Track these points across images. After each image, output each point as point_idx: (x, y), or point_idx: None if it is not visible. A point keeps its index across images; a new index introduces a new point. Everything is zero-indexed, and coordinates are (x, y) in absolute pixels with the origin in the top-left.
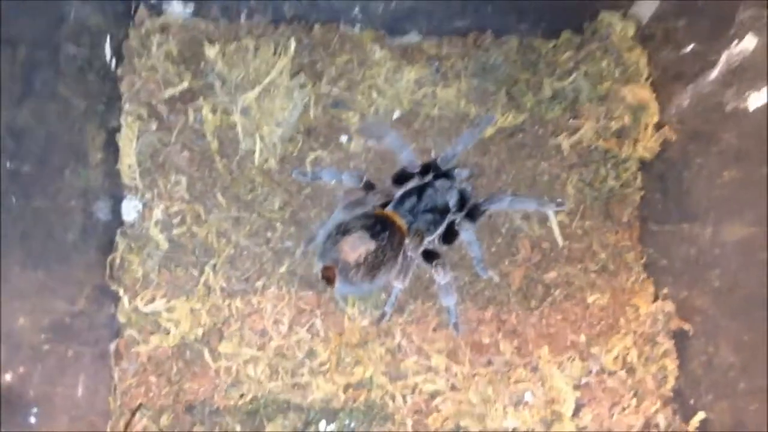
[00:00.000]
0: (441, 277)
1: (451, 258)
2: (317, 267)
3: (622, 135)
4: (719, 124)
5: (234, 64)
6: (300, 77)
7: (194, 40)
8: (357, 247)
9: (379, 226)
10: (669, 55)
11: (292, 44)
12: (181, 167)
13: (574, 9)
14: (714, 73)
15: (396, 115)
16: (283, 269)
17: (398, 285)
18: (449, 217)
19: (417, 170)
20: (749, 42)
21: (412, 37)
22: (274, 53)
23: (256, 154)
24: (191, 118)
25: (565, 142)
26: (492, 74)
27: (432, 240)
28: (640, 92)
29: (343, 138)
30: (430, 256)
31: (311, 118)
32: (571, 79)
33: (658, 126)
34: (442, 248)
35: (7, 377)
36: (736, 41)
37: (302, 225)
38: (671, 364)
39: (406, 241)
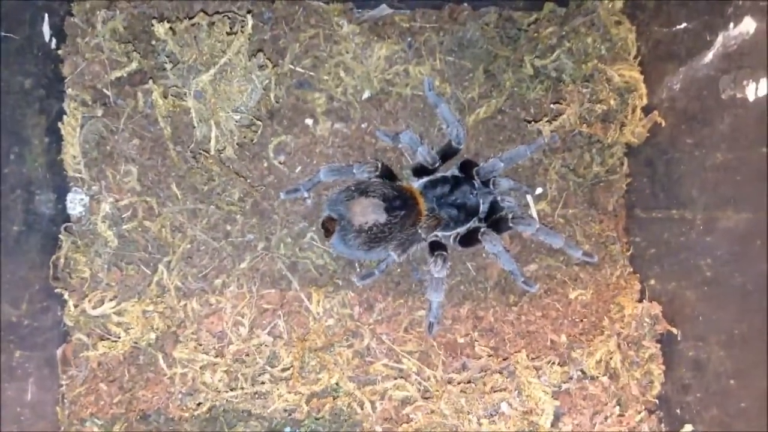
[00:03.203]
0: (438, 270)
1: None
2: (323, 211)
3: (607, 119)
4: (714, 111)
5: (186, 43)
6: (259, 57)
7: (143, 15)
8: (367, 214)
9: (398, 201)
10: (660, 32)
11: (250, 21)
12: (130, 156)
13: None
14: (709, 56)
15: (365, 95)
16: (244, 265)
17: (395, 257)
18: (474, 221)
19: (435, 164)
20: (747, 25)
21: (383, 10)
22: (231, 31)
23: (212, 142)
24: (141, 102)
25: (546, 128)
26: (469, 50)
27: (447, 235)
28: (628, 72)
29: (309, 121)
30: (435, 245)
31: (272, 100)
32: (553, 56)
33: (647, 109)
34: (455, 247)
35: None
36: (732, 23)
37: (265, 216)
38: (657, 369)
39: (421, 223)
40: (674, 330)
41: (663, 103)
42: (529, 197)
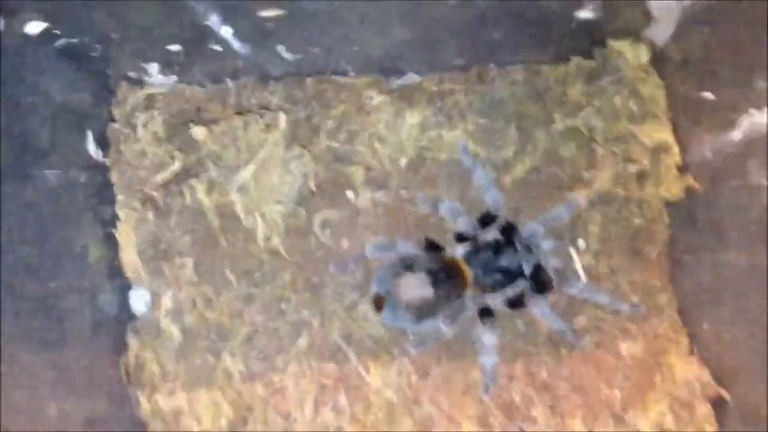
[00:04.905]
0: (489, 337)
1: None
2: (372, 288)
3: (642, 177)
4: (746, 193)
5: (224, 144)
6: (294, 148)
7: (181, 112)
8: (414, 290)
9: (443, 273)
10: (688, 92)
11: (283, 118)
12: (184, 250)
13: (581, 32)
14: (737, 135)
15: (402, 162)
16: (301, 341)
17: (444, 330)
18: (519, 284)
19: (476, 232)
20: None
21: (410, 78)
22: (266, 128)
23: (259, 235)
24: (188, 198)
25: (582, 195)
26: (499, 110)
27: (494, 299)
28: (659, 134)
29: (349, 193)
30: (484, 312)
31: (312, 185)
32: (582, 114)
33: (681, 168)
34: (504, 310)
35: None
36: (754, 109)
37: (317, 291)
38: (710, 428)
39: (468, 292)
40: (725, 394)
41: (696, 163)
42: (572, 252)
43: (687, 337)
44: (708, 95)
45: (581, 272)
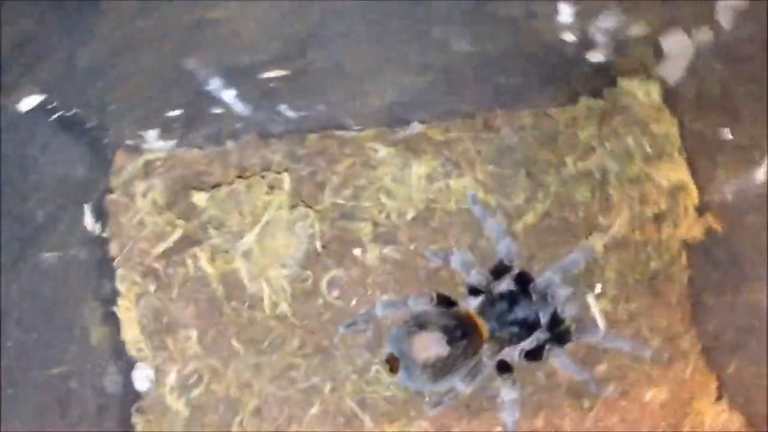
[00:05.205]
0: (508, 392)
1: None
2: (384, 350)
3: (659, 219)
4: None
5: (227, 209)
6: (298, 209)
7: (181, 177)
8: (429, 349)
9: (459, 330)
10: (704, 130)
11: (287, 179)
12: (188, 322)
13: (591, 72)
14: (762, 173)
15: (410, 216)
16: (314, 410)
17: (462, 388)
18: (536, 335)
19: (490, 284)
20: None
21: (415, 128)
22: (269, 189)
23: (265, 301)
24: (190, 267)
25: (599, 242)
26: (508, 156)
27: (512, 353)
28: (675, 173)
29: (357, 251)
30: (502, 367)
31: (318, 246)
32: (595, 157)
33: (700, 209)
34: (522, 363)
35: None
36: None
37: (327, 354)
38: None
39: (484, 347)
40: None
41: (715, 203)
42: (590, 299)
43: (715, 381)
44: (726, 132)
45: (600, 320)
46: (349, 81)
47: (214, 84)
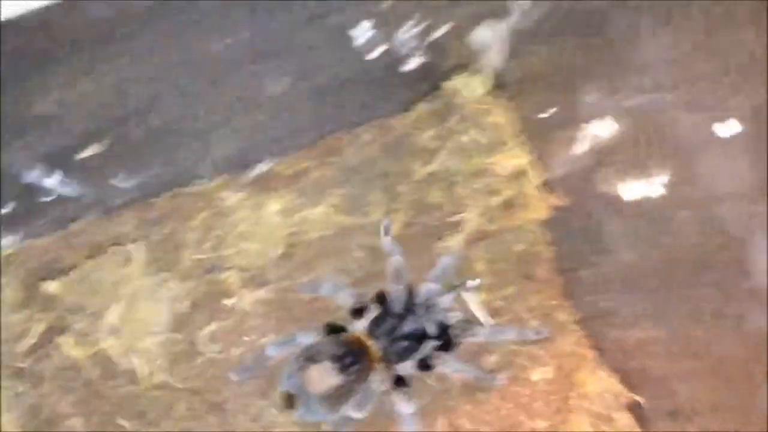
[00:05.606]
0: (405, 406)
1: None
2: (279, 387)
3: (508, 206)
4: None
5: (82, 292)
6: (158, 275)
7: (34, 270)
8: (322, 380)
9: (349, 357)
10: (536, 110)
11: (138, 247)
12: (68, 412)
13: (418, 77)
14: (581, 149)
15: (274, 254)
16: None
17: (356, 416)
18: (427, 345)
19: (364, 302)
20: (601, 126)
21: (261, 167)
22: (123, 262)
23: (138, 374)
24: (56, 359)
25: (454, 242)
26: (357, 175)
27: (405, 367)
28: (513, 159)
29: (229, 301)
30: (399, 382)
31: (184, 306)
32: (438, 158)
33: (550, 186)
34: (418, 373)
35: None
36: (590, 120)
37: (220, 408)
38: None
39: (377, 366)
40: (639, 399)
41: (560, 177)
42: (467, 295)
43: (591, 350)
44: (555, 108)
45: (482, 315)
46: (175, 136)
47: (34, 176)
